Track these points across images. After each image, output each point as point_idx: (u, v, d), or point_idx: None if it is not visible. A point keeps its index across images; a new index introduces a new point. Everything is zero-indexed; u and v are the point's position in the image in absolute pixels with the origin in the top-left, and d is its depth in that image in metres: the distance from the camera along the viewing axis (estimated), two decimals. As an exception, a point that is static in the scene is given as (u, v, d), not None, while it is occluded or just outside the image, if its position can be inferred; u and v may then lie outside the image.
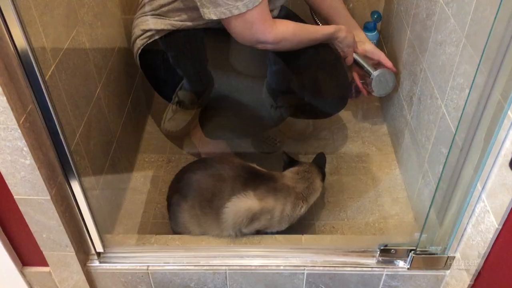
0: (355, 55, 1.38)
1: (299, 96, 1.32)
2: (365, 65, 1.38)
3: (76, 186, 0.99)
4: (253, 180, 1.16)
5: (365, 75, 1.41)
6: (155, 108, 1.70)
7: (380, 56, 1.40)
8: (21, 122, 0.82)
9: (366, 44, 1.41)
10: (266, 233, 1.19)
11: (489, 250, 0.93)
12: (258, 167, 1.24)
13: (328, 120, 1.66)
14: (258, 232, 1.18)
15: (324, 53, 1.32)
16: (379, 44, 1.69)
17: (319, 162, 1.32)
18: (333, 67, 1.34)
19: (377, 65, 1.40)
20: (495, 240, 0.90)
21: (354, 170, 1.50)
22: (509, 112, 0.81)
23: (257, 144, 1.56)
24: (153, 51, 1.29)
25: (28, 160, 0.87)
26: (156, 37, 1.26)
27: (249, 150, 1.54)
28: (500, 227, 0.87)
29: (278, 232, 1.19)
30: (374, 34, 1.65)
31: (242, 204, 1.13)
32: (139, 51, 1.30)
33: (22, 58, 0.79)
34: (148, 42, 1.27)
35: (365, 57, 1.40)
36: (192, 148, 1.53)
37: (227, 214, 1.13)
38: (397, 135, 1.51)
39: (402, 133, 1.45)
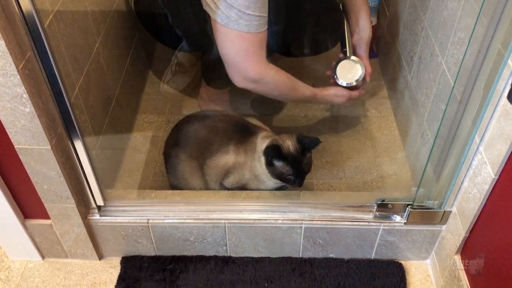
0: (346, 34, 1.35)
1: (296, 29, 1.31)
2: (348, 46, 1.33)
3: (76, 138, 0.99)
4: (238, 134, 1.17)
5: (341, 55, 1.35)
6: (154, 70, 1.69)
7: (365, 55, 1.36)
8: (20, 68, 0.82)
9: (363, 38, 1.36)
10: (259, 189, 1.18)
11: (485, 201, 0.94)
12: (252, 121, 1.24)
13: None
14: (244, 189, 1.18)
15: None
16: (381, 6, 1.67)
17: (306, 140, 1.11)
18: (328, 7, 1.35)
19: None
20: (491, 191, 0.91)
21: (353, 132, 1.50)
22: (509, 61, 0.81)
23: (257, 107, 1.56)
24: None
25: (27, 108, 0.87)
26: None
27: (249, 112, 1.54)
28: (497, 177, 0.88)
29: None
30: (376, -5, 1.63)
31: (222, 158, 1.15)
32: None
33: (20, 3, 0.78)
34: None
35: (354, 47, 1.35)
36: (192, 109, 1.53)
37: (208, 167, 1.16)
38: (397, 97, 1.51)
39: (402, 94, 1.44)
